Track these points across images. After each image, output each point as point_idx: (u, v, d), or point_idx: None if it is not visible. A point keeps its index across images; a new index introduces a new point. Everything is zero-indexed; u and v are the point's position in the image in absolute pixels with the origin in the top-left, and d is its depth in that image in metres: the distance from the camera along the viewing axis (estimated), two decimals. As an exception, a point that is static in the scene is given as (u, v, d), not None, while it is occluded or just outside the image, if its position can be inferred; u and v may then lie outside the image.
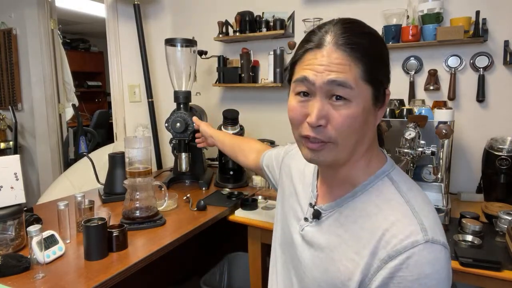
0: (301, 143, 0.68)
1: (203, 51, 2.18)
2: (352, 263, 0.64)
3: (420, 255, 0.57)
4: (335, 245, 0.68)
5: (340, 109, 0.62)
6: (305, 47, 0.65)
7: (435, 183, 1.47)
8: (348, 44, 0.61)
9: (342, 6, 1.98)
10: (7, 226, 1.10)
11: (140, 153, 1.34)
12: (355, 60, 0.61)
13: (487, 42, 1.68)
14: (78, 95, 4.14)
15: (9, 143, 3.37)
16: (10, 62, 3.33)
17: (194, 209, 1.53)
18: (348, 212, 0.68)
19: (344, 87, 0.61)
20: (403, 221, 0.61)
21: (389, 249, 0.59)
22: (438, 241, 0.59)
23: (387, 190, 0.66)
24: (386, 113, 1.55)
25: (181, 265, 1.82)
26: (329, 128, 0.62)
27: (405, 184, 0.68)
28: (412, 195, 0.65)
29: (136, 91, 2.44)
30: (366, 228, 0.64)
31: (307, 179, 0.83)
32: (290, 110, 0.67)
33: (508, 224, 1.25)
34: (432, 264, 0.57)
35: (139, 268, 1.09)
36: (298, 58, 0.66)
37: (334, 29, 0.63)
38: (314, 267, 0.71)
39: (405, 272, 0.57)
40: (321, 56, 0.62)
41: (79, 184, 2.14)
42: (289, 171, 0.91)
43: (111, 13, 2.35)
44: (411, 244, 0.58)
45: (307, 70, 0.63)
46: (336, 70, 0.61)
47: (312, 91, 0.63)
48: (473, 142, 1.75)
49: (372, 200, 0.66)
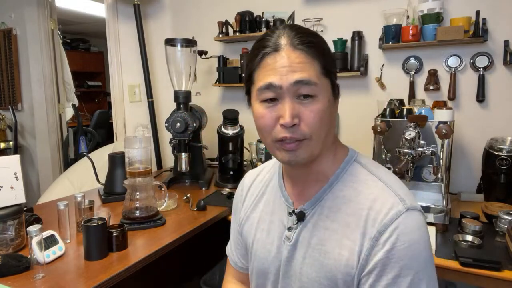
0: (276, 148, 0.68)
1: (203, 51, 2.18)
2: (347, 249, 0.66)
3: (406, 223, 0.62)
4: (325, 238, 0.69)
5: (309, 105, 0.64)
6: (262, 52, 0.66)
7: (435, 183, 1.47)
8: (304, 43, 0.64)
9: (342, 6, 1.98)
10: (7, 226, 1.10)
11: (140, 153, 1.34)
12: (313, 58, 0.65)
13: (487, 42, 1.68)
14: (78, 95, 4.15)
15: (9, 143, 3.37)
16: (10, 62, 3.33)
17: (194, 209, 1.53)
18: (329, 203, 0.70)
19: (309, 85, 0.64)
20: (383, 196, 0.65)
21: (377, 225, 0.63)
22: (416, 207, 0.65)
23: (360, 173, 0.71)
24: (386, 113, 1.55)
25: (181, 265, 1.82)
26: (302, 126, 0.64)
27: (372, 164, 0.73)
28: (382, 173, 0.70)
29: (136, 91, 2.44)
30: (351, 212, 0.67)
31: (272, 197, 0.81)
32: (259, 118, 0.68)
33: (508, 224, 1.25)
34: (418, 229, 0.63)
35: (139, 268, 1.09)
36: (256, 65, 0.67)
37: (285, 32, 0.66)
38: (309, 268, 0.70)
39: (397, 243, 0.61)
40: (281, 58, 0.64)
41: (79, 184, 2.14)
42: (252, 208, 0.86)
43: (111, 13, 2.35)
44: (395, 215, 0.63)
45: (270, 75, 0.64)
46: (299, 70, 0.63)
47: (279, 94, 0.65)
48: (473, 142, 1.75)
49: (348, 185, 0.70)
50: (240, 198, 0.90)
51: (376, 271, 0.62)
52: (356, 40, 1.91)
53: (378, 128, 1.47)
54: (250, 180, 0.89)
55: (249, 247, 0.83)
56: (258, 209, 0.83)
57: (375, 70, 1.94)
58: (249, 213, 0.85)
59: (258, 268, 0.80)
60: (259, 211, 0.83)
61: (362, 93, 1.99)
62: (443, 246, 1.22)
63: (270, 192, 0.82)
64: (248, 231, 0.84)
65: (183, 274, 1.84)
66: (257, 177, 0.88)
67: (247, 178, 0.91)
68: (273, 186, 0.82)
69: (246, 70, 0.71)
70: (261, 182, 0.86)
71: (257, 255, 0.80)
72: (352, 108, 2.01)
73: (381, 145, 1.50)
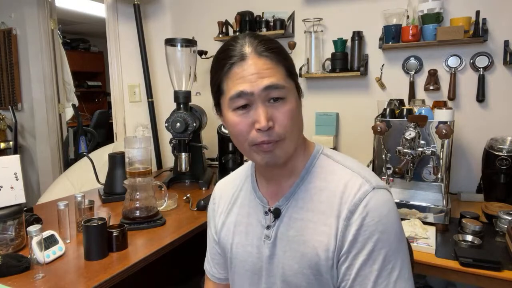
0: (253, 151, 0.70)
1: (203, 51, 2.18)
2: (324, 235, 0.69)
3: (374, 200, 0.67)
4: (303, 228, 0.72)
5: (280, 108, 0.68)
6: (229, 62, 0.68)
7: (435, 183, 1.47)
8: (268, 50, 0.68)
9: (342, 6, 1.98)
10: (7, 226, 1.10)
11: (140, 153, 1.34)
12: (277, 62, 0.68)
13: (487, 42, 1.68)
14: (78, 95, 4.14)
15: (9, 143, 3.37)
16: (10, 62, 3.33)
17: (194, 209, 1.53)
18: (302, 195, 0.74)
19: (278, 89, 0.67)
20: (351, 181, 0.70)
21: (348, 205, 0.67)
22: (381, 186, 0.70)
23: (327, 164, 0.75)
24: (386, 113, 1.55)
25: (181, 265, 1.82)
26: (276, 128, 0.68)
27: (337, 155, 0.77)
28: (347, 161, 0.75)
29: (136, 91, 2.44)
30: (324, 200, 0.71)
31: (247, 200, 0.82)
32: (234, 126, 0.70)
33: (508, 224, 1.25)
34: (385, 204, 0.68)
35: (139, 268, 1.09)
36: (224, 75, 0.69)
37: (248, 41, 0.69)
38: (291, 261, 0.72)
39: (367, 219, 0.66)
40: (248, 66, 0.67)
41: (79, 184, 2.14)
42: (226, 213, 0.86)
43: (111, 13, 2.35)
44: (363, 194, 0.67)
45: (240, 84, 0.67)
46: (267, 75, 0.67)
47: (251, 101, 0.67)
48: (473, 142, 1.75)
49: (318, 176, 0.74)
50: (212, 206, 0.91)
51: (352, 249, 0.66)
52: (356, 40, 1.91)
53: (378, 128, 1.47)
54: (220, 188, 0.91)
55: (228, 252, 0.83)
56: (233, 214, 0.84)
57: (375, 70, 1.93)
58: (224, 219, 0.85)
59: (239, 272, 0.81)
60: (234, 215, 0.84)
61: (362, 93, 1.99)
62: (443, 246, 1.22)
63: (244, 196, 0.84)
64: (225, 236, 0.84)
65: (183, 274, 1.84)
66: (227, 185, 0.90)
67: (217, 187, 0.93)
68: (246, 190, 0.84)
69: (213, 81, 0.73)
70: (232, 188, 0.87)
71: (237, 258, 0.81)
72: (352, 108, 2.01)
73: (381, 145, 1.50)
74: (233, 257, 0.82)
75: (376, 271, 0.65)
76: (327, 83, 2.06)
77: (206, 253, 0.95)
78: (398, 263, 0.66)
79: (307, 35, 2.01)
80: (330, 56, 1.97)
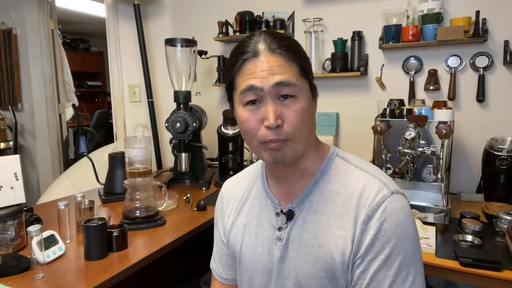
0: (261, 149, 0.70)
1: (203, 51, 2.18)
2: (340, 239, 0.68)
3: (391, 205, 0.66)
4: (317, 231, 0.70)
5: (290, 106, 0.67)
6: (242, 58, 0.68)
7: (435, 183, 1.47)
8: (281, 47, 0.67)
9: (342, 6, 1.98)
10: (7, 226, 1.10)
11: (140, 153, 1.34)
12: (291, 60, 0.68)
13: (487, 42, 1.68)
14: (78, 95, 4.13)
15: (9, 143, 3.37)
16: (10, 62, 3.33)
17: (194, 209, 1.53)
18: (317, 198, 0.72)
19: (289, 86, 0.66)
20: (369, 184, 0.69)
21: (366, 210, 0.66)
22: (398, 191, 0.69)
23: (343, 167, 0.74)
24: (386, 113, 1.55)
25: (181, 265, 1.82)
26: (285, 126, 0.67)
27: (353, 158, 0.76)
28: (363, 164, 0.74)
29: (136, 91, 2.44)
30: (340, 204, 0.70)
31: (257, 200, 0.81)
32: (244, 122, 0.69)
33: (508, 224, 1.25)
34: (403, 210, 0.67)
35: (139, 268, 1.09)
36: (237, 71, 0.69)
37: (263, 38, 0.69)
38: (304, 264, 0.71)
39: (385, 224, 0.65)
40: (260, 63, 0.67)
41: (79, 184, 2.13)
42: (236, 214, 0.85)
43: (111, 13, 2.35)
44: (381, 198, 0.66)
45: (251, 79, 0.67)
46: (278, 72, 0.66)
47: (261, 97, 0.67)
48: (473, 142, 1.75)
49: (334, 179, 0.73)
50: (220, 206, 0.90)
51: (368, 254, 0.65)
52: (356, 40, 1.91)
53: (378, 128, 1.47)
54: (229, 188, 0.90)
55: (237, 253, 0.82)
56: (243, 214, 0.83)
57: (375, 70, 1.93)
58: (234, 220, 0.84)
59: (249, 274, 0.80)
60: (244, 216, 0.83)
61: (362, 93, 1.99)
62: (443, 246, 1.22)
63: (254, 196, 0.83)
64: (234, 237, 0.83)
65: (183, 274, 1.84)
66: (236, 184, 0.89)
67: (225, 187, 0.91)
68: (256, 190, 0.83)
69: (226, 76, 0.73)
70: (241, 188, 0.86)
71: (246, 259, 0.80)
72: (352, 108, 2.01)
73: (381, 145, 1.50)
74: (242, 258, 0.81)
75: (391, 276, 0.64)
76: (327, 83, 2.06)
77: (213, 252, 0.94)
78: (412, 270, 0.65)
79: (307, 35, 2.01)
80: (330, 56, 1.97)
